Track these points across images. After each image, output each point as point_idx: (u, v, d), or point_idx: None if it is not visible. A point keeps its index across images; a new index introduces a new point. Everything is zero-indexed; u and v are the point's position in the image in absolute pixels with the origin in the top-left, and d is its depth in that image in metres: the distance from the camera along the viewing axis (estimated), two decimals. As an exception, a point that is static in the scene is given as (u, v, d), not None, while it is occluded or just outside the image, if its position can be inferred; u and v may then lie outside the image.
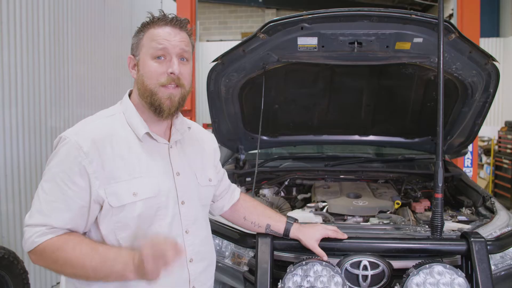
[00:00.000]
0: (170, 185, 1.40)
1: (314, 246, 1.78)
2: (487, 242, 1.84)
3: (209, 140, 1.68)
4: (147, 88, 1.35)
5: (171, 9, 6.59)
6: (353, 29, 2.26)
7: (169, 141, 1.45)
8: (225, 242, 2.19)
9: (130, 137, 1.36)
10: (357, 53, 2.36)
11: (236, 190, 1.84)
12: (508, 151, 7.26)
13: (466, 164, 4.93)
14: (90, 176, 1.27)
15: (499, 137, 7.66)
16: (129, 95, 1.46)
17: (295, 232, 1.80)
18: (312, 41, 2.30)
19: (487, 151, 8.05)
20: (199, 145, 1.59)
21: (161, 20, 1.37)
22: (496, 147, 7.77)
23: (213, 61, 2.44)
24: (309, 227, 1.84)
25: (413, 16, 2.18)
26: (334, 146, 3.50)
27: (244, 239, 1.99)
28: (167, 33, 1.36)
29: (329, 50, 2.37)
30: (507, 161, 7.24)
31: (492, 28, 9.58)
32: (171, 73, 1.34)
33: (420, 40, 2.29)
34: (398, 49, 2.36)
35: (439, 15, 1.93)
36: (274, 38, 2.30)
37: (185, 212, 1.43)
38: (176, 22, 1.38)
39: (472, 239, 1.84)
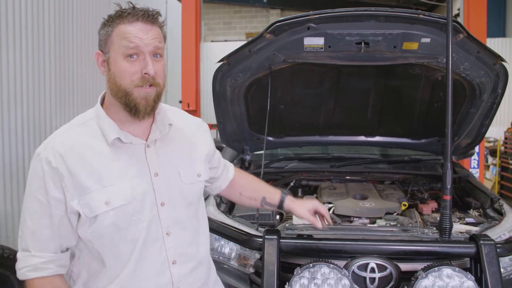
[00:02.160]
0: (146, 187, 1.34)
1: (307, 215, 1.80)
2: (497, 245, 1.82)
3: (198, 128, 1.58)
4: (121, 88, 1.27)
5: (176, 10, 6.59)
6: (360, 29, 2.24)
7: (146, 140, 1.38)
8: (231, 243, 2.18)
9: (101, 144, 1.32)
10: (364, 53, 2.34)
11: (230, 168, 1.79)
12: (515, 152, 7.23)
13: (473, 165, 4.89)
14: (64, 189, 1.27)
15: (505, 138, 7.61)
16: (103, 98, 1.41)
17: (289, 203, 1.80)
18: (319, 41, 2.28)
19: (493, 152, 8.00)
20: (186, 138, 1.50)
21: (131, 15, 1.26)
22: (502, 148, 7.73)
23: (219, 61, 2.43)
24: (302, 199, 1.93)
25: (421, 16, 2.15)
26: (339, 147, 3.48)
27: (250, 240, 1.97)
28: (139, 30, 1.26)
29: (336, 50, 2.34)
30: (513, 162, 7.21)
31: (498, 28, 9.54)
32: (145, 73, 1.27)
33: (427, 40, 2.27)
34: (405, 49, 2.33)
35: (447, 14, 1.91)
36: (280, 38, 2.29)
37: (164, 214, 1.37)
38: (148, 18, 1.28)
39: (481, 241, 1.82)
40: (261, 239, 1.89)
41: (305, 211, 1.80)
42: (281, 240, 1.87)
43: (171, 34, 6.08)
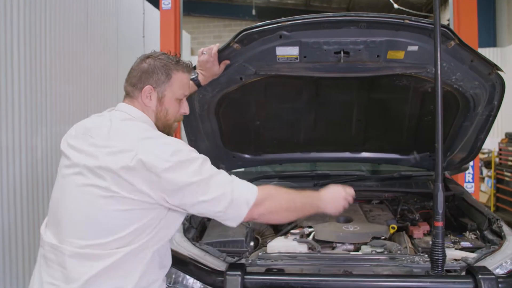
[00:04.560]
0: None
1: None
2: (498, 280, 1.59)
3: None
4: (167, 121, 1.61)
5: (153, 23, 6.39)
6: (338, 36, 2.02)
7: None
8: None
9: None
10: (344, 63, 2.12)
11: None
12: (510, 163, 7.03)
13: (467, 179, 4.64)
14: None
15: (500, 149, 7.43)
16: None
17: (201, 77, 2.07)
18: (293, 51, 2.06)
19: (487, 164, 7.81)
20: None
21: (188, 67, 1.64)
22: (497, 159, 7.53)
23: None
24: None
25: (407, 21, 1.94)
26: (324, 164, 3.26)
27: (209, 277, 1.73)
28: (188, 81, 1.66)
29: (312, 60, 2.13)
30: (508, 174, 7.00)
31: (488, 37, 9.41)
32: (183, 113, 1.67)
33: (415, 48, 2.06)
34: (390, 58, 2.12)
35: (435, 18, 1.70)
36: (249, 48, 2.07)
37: None
38: (191, 70, 1.68)
39: (480, 276, 1.59)
40: (221, 276, 1.66)
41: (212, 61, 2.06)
42: (245, 277, 1.64)
43: (149, 47, 5.87)
